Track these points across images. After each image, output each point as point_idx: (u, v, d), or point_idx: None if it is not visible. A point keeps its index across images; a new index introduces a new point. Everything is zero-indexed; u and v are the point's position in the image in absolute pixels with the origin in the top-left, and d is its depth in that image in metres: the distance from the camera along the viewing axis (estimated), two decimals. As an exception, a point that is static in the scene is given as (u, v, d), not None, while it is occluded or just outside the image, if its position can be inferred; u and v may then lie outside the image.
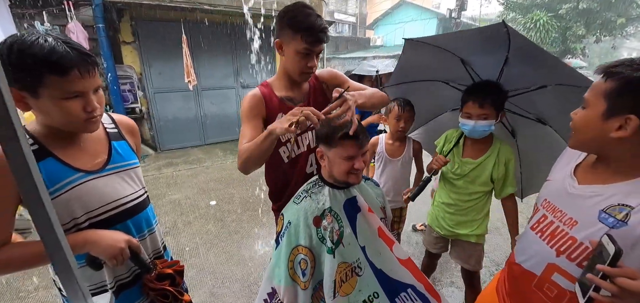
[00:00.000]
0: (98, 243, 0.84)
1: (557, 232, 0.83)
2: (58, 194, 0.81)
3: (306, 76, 1.16)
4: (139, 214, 1.00)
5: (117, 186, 0.94)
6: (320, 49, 1.10)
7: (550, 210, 0.88)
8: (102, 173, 0.90)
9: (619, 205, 0.71)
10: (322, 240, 0.99)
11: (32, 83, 0.73)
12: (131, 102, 4.89)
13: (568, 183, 0.85)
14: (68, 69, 0.74)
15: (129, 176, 0.98)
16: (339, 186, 1.05)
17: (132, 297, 1.01)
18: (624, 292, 0.60)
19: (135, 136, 1.08)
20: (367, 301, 0.98)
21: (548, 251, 0.84)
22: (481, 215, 1.48)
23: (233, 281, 2.24)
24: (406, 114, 1.63)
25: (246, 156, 1.02)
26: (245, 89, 5.95)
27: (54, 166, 0.81)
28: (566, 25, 14.24)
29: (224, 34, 5.36)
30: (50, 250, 0.61)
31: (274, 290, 1.04)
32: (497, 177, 1.39)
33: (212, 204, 3.46)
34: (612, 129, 0.71)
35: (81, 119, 0.81)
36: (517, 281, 0.95)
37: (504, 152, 1.39)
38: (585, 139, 0.79)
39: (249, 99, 1.17)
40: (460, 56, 1.41)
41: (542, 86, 1.20)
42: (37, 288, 2.20)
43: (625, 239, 0.68)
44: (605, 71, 0.73)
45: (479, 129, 1.33)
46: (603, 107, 0.72)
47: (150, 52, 4.94)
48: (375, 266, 1.00)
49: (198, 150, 5.58)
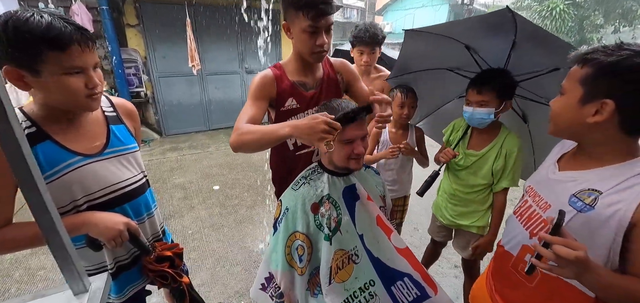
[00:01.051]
0: (97, 225, 0.84)
1: (533, 215, 0.88)
2: (57, 177, 0.81)
3: (318, 56, 1.09)
4: (138, 198, 1.00)
5: (115, 170, 0.93)
6: (328, 24, 1.04)
7: (531, 195, 0.92)
8: (100, 157, 0.90)
9: (589, 190, 0.75)
10: (320, 227, 0.99)
11: (32, 60, 0.72)
12: (136, 86, 4.89)
13: (550, 170, 0.89)
14: (67, 43, 0.73)
15: (128, 160, 0.98)
16: (338, 173, 1.04)
17: (132, 278, 1.03)
18: (560, 259, 0.63)
19: (134, 119, 1.07)
20: (363, 288, 0.99)
21: (523, 233, 0.89)
22: (484, 207, 1.46)
23: (234, 264, 2.28)
24: (409, 100, 1.60)
25: (247, 139, 0.96)
26: (249, 75, 5.91)
27: (52, 149, 0.81)
28: (584, 14, 13.70)
29: (229, 18, 5.29)
30: (45, 231, 0.61)
31: (271, 275, 1.05)
32: (496, 170, 1.36)
33: (215, 189, 3.50)
34: (589, 115, 0.72)
35: (83, 95, 0.80)
36: (499, 262, 1.01)
37: (507, 144, 1.34)
38: (563, 126, 0.81)
39: (259, 78, 1.13)
40: (464, 42, 1.37)
41: (555, 68, 1.15)
42: (45, 267, 2.27)
43: (592, 222, 0.72)
44: (581, 58, 0.74)
45: (477, 117, 1.30)
46: (580, 93, 0.74)
47: (154, 36, 4.91)
48: (372, 254, 1.00)
49: (202, 135, 5.61)
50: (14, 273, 2.20)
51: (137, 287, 1.06)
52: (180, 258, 1.07)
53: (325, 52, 1.09)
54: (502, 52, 1.27)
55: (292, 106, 1.16)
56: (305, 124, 0.85)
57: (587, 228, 0.72)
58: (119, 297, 1.01)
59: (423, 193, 1.53)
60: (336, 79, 1.25)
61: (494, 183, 1.40)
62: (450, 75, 1.59)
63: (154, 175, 3.80)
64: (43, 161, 0.79)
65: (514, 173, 1.35)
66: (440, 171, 1.49)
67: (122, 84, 4.63)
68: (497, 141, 1.36)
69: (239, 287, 2.06)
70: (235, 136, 0.98)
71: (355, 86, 1.30)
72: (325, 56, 1.12)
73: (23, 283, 2.12)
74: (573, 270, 0.64)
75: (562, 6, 13.25)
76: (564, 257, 0.62)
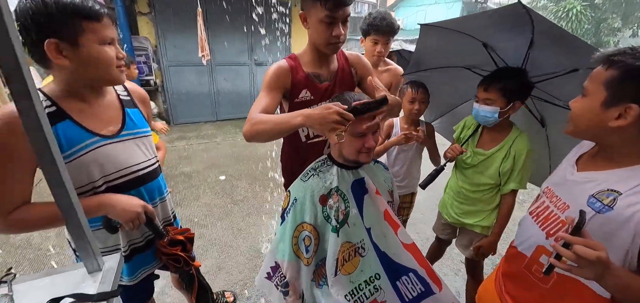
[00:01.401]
0: (116, 207, 0.87)
1: (550, 216, 0.86)
2: (76, 156, 0.83)
3: (333, 47, 1.09)
4: (152, 182, 1.02)
5: (131, 152, 0.96)
6: (345, 15, 1.03)
7: (549, 196, 0.91)
8: (117, 139, 0.92)
9: (608, 190, 0.74)
10: (327, 219, 0.99)
11: (72, 32, 0.76)
12: (146, 75, 4.94)
13: (568, 171, 0.88)
14: (101, 15, 0.79)
15: (143, 143, 1.00)
16: (347, 166, 1.04)
17: (145, 261, 1.06)
18: (581, 259, 0.62)
19: (146, 105, 1.10)
20: (368, 281, 0.99)
21: (539, 234, 0.88)
22: (489, 207, 1.44)
23: (238, 253, 2.31)
24: (420, 96, 1.59)
25: (260, 128, 0.96)
26: (259, 67, 5.91)
27: (72, 129, 0.83)
28: (601, 17, 13.31)
29: (240, 9, 5.29)
30: (63, 209, 0.63)
31: (277, 264, 1.06)
32: (503, 171, 1.34)
33: (221, 179, 3.53)
34: (611, 118, 0.71)
35: (114, 65, 0.85)
36: (511, 262, 1.00)
37: (517, 145, 1.31)
38: (583, 128, 0.80)
39: (274, 69, 1.13)
40: (481, 39, 1.34)
41: (574, 69, 1.12)
42: (54, 247, 2.33)
43: (610, 223, 0.71)
44: (606, 60, 0.72)
45: (481, 114, 1.29)
46: (603, 96, 0.72)
47: (165, 25, 4.94)
48: (379, 248, 1.00)
49: (210, 125, 5.66)
50: (26, 253, 2.27)
51: (149, 270, 1.09)
52: (191, 242, 1.09)
53: (341, 44, 1.09)
54: (519, 50, 1.24)
55: (306, 98, 1.16)
56: (318, 114, 0.85)
57: (605, 229, 0.71)
58: (131, 279, 1.03)
59: (426, 185, 1.52)
60: (350, 72, 1.25)
61: (502, 184, 1.38)
62: (468, 74, 1.55)
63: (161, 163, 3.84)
64: (63, 140, 0.81)
65: (522, 175, 1.33)
66: (445, 166, 1.47)
67: (133, 71, 4.68)
68: (506, 141, 1.34)
69: (242, 276, 2.09)
70: (249, 126, 0.98)
71: (367, 81, 1.29)
72: (340, 47, 1.11)
73: (34, 262, 2.19)
74: (594, 270, 0.63)
75: (579, 8, 12.90)
76: (586, 258, 0.61)
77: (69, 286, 0.68)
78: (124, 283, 1.03)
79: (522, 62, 1.27)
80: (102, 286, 0.70)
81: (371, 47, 1.74)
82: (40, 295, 0.64)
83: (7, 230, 0.80)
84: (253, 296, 1.93)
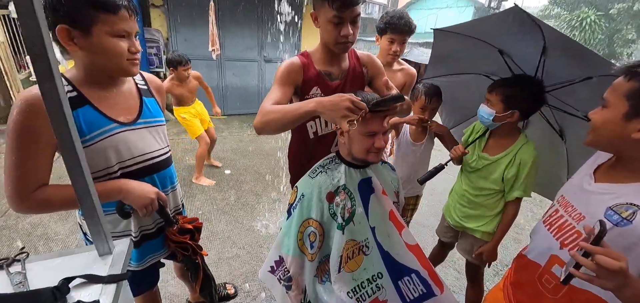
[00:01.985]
0: (131, 192, 0.89)
1: (564, 225, 0.85)
2: (94, 141, 0.85)
3: (343, 46, 1.10)
4: (164, 170, 1.05)
5: (146, 140, 0.98)
6: (353, 15, 1.04)
7: (563, 205, 0.89)
8: (134, 126, 0.94)
9: (627, 204, 0.72)
10: (333, 216, 1.00)
11: (86, 20, 0.77)
12: (156, 67, 5.01)
13: (585, 181, 0.87)
14: (118, 7, 0.80)
15: (157, 132, 1.03)
16: (355, 165, 1.04)
17: (154, 248, 1.08)
18: (601, 269, 0.61)
19: (161, 95, 1.12)
20: (370, 280, 1.00)
21: (553, 243, 0.86)
22: (491, 213, 1.44)
23: (241, 247, 2.33)
24: (432, 105, 1.58)
25: (271, 118, 0.97)
26: (268, 64, 5.94)
27: (92, 114, 0.85)
28: (616, 27, 13.09)
29: (251, 5, 5.32)
30: (79, 192, 0.65)
31: (281, 259, 1.07)
32: (507, 177, 1.33)
33: (227, 173, 3.56)
34: (634, 130, 0.71)
35: (125, 58, 0.86)
36: (522, 272, 0.98)
37: (522, 154, 1.31)
38: (603, 139, 0.79)
39: (287, 65, 1.14)
40: (496, 46, 1.33)
41: (588, 77, 1.11)
42: (64, 231, 2.38)
43: (628, 237, 0.70)
44: (628, 71, 0.72)
45: (480, 113, 1.33)
46: (625, 108, 0.72)
47: (178, 18, 4.99)
48: (382, 247, 1.01)
49: (217, 120, 5.69)
50: (33, 237, 2.32)
51: (157, 257, 1.11)
52: (199, 232, 1.12)
53: (350, 44, 1.09)
54: (534, 57, 1.23)
55: (316, 95, 1.17)
56: (330, 101, 0.85)
57: (622, 243, 0.70)
58: (139, 264, 1.05)
59: (424, 181, 1.52)
60: (362, 72, 1.25)
61: (506, 191, 1.38)
62: (487, 81, 1.54)
63: (169, 154, 3.89)
64: (83, 125, 0.83)
65: (526, 183, 1.32)
66: (446, 166, 1.47)
67: (143, 63, 4.75)
68: (512, 148, 1.34)
69: (244, 269, 2.11)
70: (259, 117, 0.99)
71: (379, 80, 1.29)
72: (350, 47, 1.12)
73: (42, 245, 2.24)
74: (615, 281, 0.62)
75: (593, 17, 12.69)
76: (608, 268, 0.60)
77: (80, 267, 0.70)
78: (131, 268, 1.05)
79: (536, 70, 1.26)
80: (113, 269, 0.71)
81: (387, 46, 1.71)
82: (52, 274, 0.66)
83: (28, 210, 0.82)
84: (254, 289, 1.95)
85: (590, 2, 13.43)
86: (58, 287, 0.61)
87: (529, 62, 1.27)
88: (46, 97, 0.54)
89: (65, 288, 0.62)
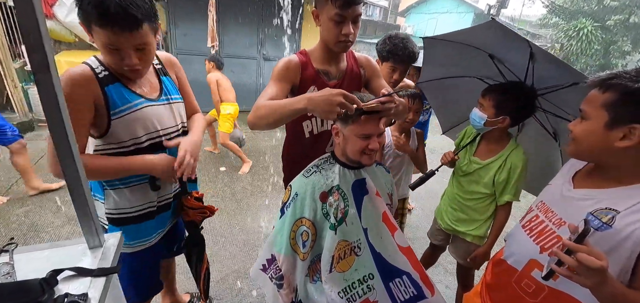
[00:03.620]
0: (157, 166, 1.01)
1: (545, 230, 0.87)
2: (125, 113, 0.95)
3: (342, 45, 1.10)
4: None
5: (169, 115, 1.08)
6: (355, 14, 1.04)
7: (543, 210, 0.91)
8: (158, 102, 1.04)
9: (607, 209, 0.75)
10: (326, 216, 1.00)
11: (87, 24, 0.84)
12: (155, 60, 4.97)
13: (565, 187, 0.89)
14: (105, 24, 0.81)
15: (177, 109, 1.13)
16: (350, 166, 1.05)
17: (167, 217, 1.20)
18: (582, 267, 0.63)
19: (176, 68, 1.19)
20: (361, 280, 1.00)
21: (533, 248, 0.88)
22: (482, 217, 1.45)
23: (233, 244, 2.33)
24: (415, 106, 1.59)
25: (265, 113, 0.97)
26: (267, 62, 5.92)
27: (122, 90, 0.95)
28: (612, 39, 13.24)
29: (252, 3, 5.30)
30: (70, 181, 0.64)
31: (273, 257, 1.07)
32: (498, 182, 1.35)
33: (222, 170, 3.56)
34: (617, 139, 0.73)
35: (119, 67, 0.92)
36: (499, 276, 1.00)
37: (513, 158, 1.33)
38: (586, 150, 0.81)
39: (285, 62, 1.15)
40: (487, 50, 1.36)
41: (574, 83, 1.14)
42: (53, 223, 2.36)
43: (608, 241, 0.72)
44: (601, 83, 0.75)
45: (472, 116, 1.35)
46: (605, 118, 0.74)
47: (177, 12, 4.96)
48: (374, 249, 1.02)
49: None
50: (24, 227, 2.30)
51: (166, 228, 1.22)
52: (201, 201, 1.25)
53: (350, 43, 1.10)
54: (522, 63, 1.26)
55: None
56: (321, 96, 0.85)
57: (602, 247, 0.72)
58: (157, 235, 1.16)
59: (415, 187, 1.54)
60: (359, 74, 1.26)
61: (497, 196, 1.40)
62: (481, 84, 1.56)
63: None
64: (116, 98, 0.93)
65: (516, 187, 1.34)
66: (437, 171, 1.49)
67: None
68: (503, 153, 1.36)
69: (237, 267, 2.11)
70: (252, 113, 1.00)
71: (376, 82, 1.30)
72: (350, 46, 1.13)
73: (32, 236, 2.22)
74: (594, 279, 0.64)
75: (590, 28, 12.83)
76: (588, 265, 0.63)
77: (69, 259, 0.70)
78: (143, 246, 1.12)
79: (525, 74, 1.28)
80: (102, 262, 0.71)
81: (388, 73, 1.65)
82: (40, 265, 0.66)
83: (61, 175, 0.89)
84: (245, 287, 1.95)
85: (587, 12, 13.58)
86: (46, 278, 0.61)
87: (519, 67, 1.30)
88: (41, 88, 0.53)
89: (53, 280, 0.62)
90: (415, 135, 1.76)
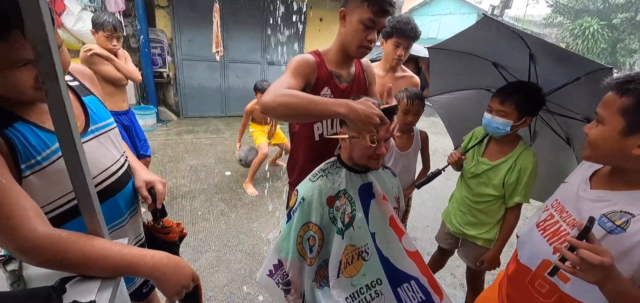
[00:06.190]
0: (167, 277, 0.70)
1: (559, 231, 0.86)
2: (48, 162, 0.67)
3: (363, 51, 1.08)
4: (126, 186, 0.89)
5: (104, 151, 0.81)
6: (383, 25, 1.04)
7: (558, 210, 0.90)
8: (85, 137, 0.76)
9: (621, 212, 0.73)
10: (333, 221, 0.99)
11: None
12: (160, 67, 5.03)
13: (581, 187, 0.87)
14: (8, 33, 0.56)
15: (110, 138, 0.85)
16: (356, 170, 1.04)
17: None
18: (584, 263, 0.64)
19: (95, 85, 0.90)
20: (369, 286, 0.99)
21: (546, 248, 0.87)
22: (492, 220, 1.43)
23: (239, 250, 2.33)
24: (415, 107, 1.58)
25: (293, 102, 0.89)
26: (271, 66, 5.96)
27: (31, 133, 0.66)
28: (618, 37, 13.08)
29: (256, 8, 5.35)
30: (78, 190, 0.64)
31: (280, 262, 1.06)
32: (507, 183, 1.33)
33: (227, 174, 3.56)
34: (634, 146, 0.71)
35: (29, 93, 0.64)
36: (515, 276, 0.99)
37: (523, 159, 1.31)
38: (602, 155, 0.80)
39: (303, 58, 1.11)
40: (489, 59, 1.36)
41: (577, 78, 1.11)
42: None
43: (621, 245, 0.71)
44: (619, 87, 0.73)
45: (493, 125, 1.29)
46: (622, 124, 0.73)
47: (182, 18, 5.02)
48: (382, 253, 1.00)
49: (219, 121, 5.71)
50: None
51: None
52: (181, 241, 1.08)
53: (368, 52, 1.10)
54: (524, 66, 1.25)
55: (326, 95, 1.15)
56: (363, 111, 0.82)
57: (615, 250, 0.71)
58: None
59: (421, 186, 1.53)
60: (365, 79, 1.26)
61: (506, 197, 1.37)
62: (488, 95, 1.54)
63: (169, 155, 3.91)
64: (29, 148, 0.65)
65: (527, 189, 1.32)
66: (443, 171, 1.47)
67: (147, 63, 4.77)
68: (512, 154, 1.34)
69: (242, 272, 2.10)
70: (272, 96, 0.90)
71: (371, 89, 1.32)
72: (366, 55, 1.13)
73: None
74: (596, 275, 0.64)
75: (596, 27, 12.70)
76: (588, 261, 0.63)
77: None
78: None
79: (528, 78, 1.27)
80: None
81: (392, 50, 1.70)
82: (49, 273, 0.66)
83: None
84: (252, 292, 1.94)
85: (593, 11, 13.45)
86: (54, 286, 0.60)
87: (521, 71, 1.29)
88: (49, 96, 0.53)
89: (61, 287, 0.61)
90: (419, 134, 1.74)
